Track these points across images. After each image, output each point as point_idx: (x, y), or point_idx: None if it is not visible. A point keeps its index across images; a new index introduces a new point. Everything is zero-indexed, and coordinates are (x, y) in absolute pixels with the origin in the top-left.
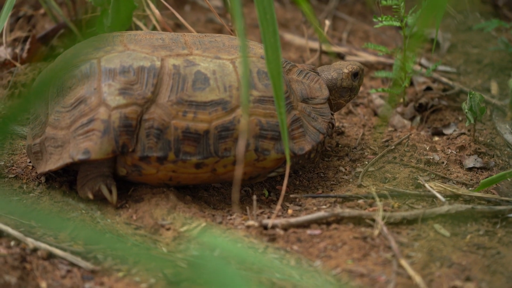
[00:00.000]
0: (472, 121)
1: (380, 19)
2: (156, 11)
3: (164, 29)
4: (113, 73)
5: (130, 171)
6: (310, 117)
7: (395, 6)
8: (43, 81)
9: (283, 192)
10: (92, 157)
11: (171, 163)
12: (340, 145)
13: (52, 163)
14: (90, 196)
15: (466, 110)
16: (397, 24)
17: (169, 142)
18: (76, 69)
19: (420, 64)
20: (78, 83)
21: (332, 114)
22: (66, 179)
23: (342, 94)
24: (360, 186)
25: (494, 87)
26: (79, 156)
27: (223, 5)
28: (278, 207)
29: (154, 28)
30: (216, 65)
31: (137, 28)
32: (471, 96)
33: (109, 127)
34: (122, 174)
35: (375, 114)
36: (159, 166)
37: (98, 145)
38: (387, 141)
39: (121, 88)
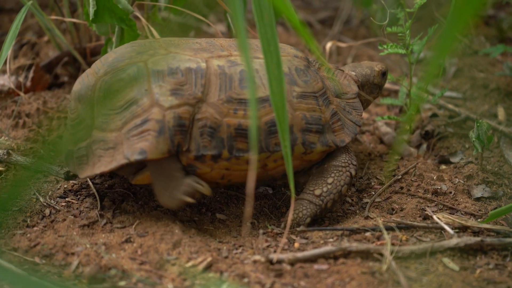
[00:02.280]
0: (480, 150)
1: (385, 46)
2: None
3: None
4: (162, 75)
5: (186, 172)
6: (345, 111)
7: (400, 34)
8: (85, 85)
9: (288, 226)
10: (149, 157)
11: (225, 160)
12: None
13: (104, 165)
14: (189, 199)
15: (474, 139)
16: (403, 51)
17: (222, 140)
18: (123, 72)
19: (426, 90)
20: (127, 86)
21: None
22: (70, 213)
23: (372, 90)
24: (367, 217)
25: (501, 113)
26: (135, 156)
27: (227, 30)
28: (284, 240)
29: None
30: (257, 64)
31: None
32: (478, 124)
33: (164, 127)
34: None
35: (381, 141)
36: (213, 165)
37: (154, 144)
38: (393, 170)
39: (172, 89)
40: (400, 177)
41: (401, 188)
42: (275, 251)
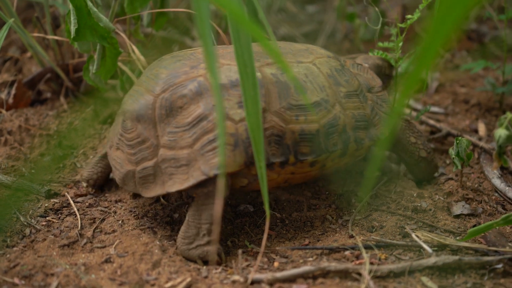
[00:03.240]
0: (459, 167)
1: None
2: (141, 57)
3: None
4: (225, 88)
5: (252, 180)
6: (378, 104)
7: (392, 43)
8: (143, 104)
9: (263, 245)
10: (227, 170)
11: (291, 165)
12: (327, 192)
13: (179, 183)
14: (200, 263)
15: (453, 156)
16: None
17: (288, 146)
18: (183, 88)
19: (408, 106)
20: (191, 102)
21: None
22: (51, 233)
23: (384, 81)
24: (347, 236)
25: (481, 129)
26: (214, 171)
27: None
28: (259, 260)
29: (140, 73)
30: (304, 69)
31: (122, 73)
32: (457, 141)
33: (238, 140)
34: (242, 185)
35: (364, 159)
36: (280, 170)
37: (231, 158)
38: (374, 187)
39: (238, 102)
40: (380, 194)
41: (381, 205)
42: (255, 271)
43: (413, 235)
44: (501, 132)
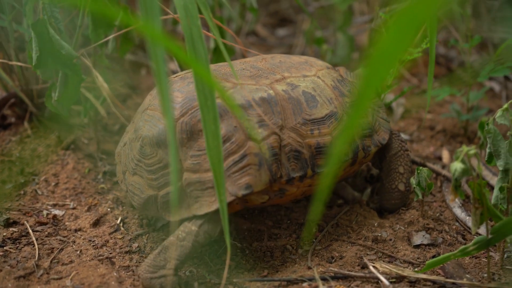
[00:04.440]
0: (420, 197)
1: None
2: (105, 85)
3: (114, 103)
4: (244, 108)
5: (273, 196)
6: (375, 110)
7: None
8: (162, 129)
9: (224, 278)
10: (254, 190)
11: (309, 178)
12: (288, 221)
13: (206, 206)
14: None
15: (414, 186)
16: None
17: (306, 160)
18: None
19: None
20: None
21: None
22: (7, 263)
23: None
24: (306, 267)
25: (445, 156)
26: (242, 192)
27: (179, 69)
28: None
29: (104, 100)
30: (311, 82)
31: (86, 99)
32: (418, 171)
33: (262, 159)
34: (262, 201)
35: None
36: (300, 184)
37: (257, 178)
38: (335, 216)
39: (258, 121)
40: (341, 223)
41: (342, 235)
42: None
43: (371, 267)
44: (457, 166)
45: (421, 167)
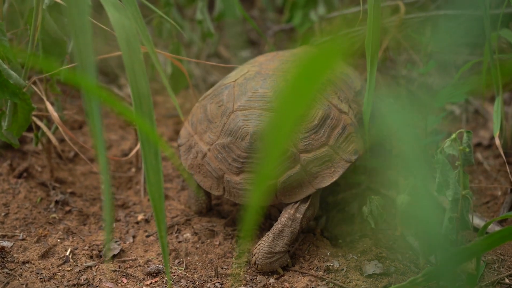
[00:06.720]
0: (373, 225)
1: None
2: (55, 114)
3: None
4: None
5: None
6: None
7: None
8: (263, 123)
9: None
10: (360, 154)
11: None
12: (241, 251)
13: (328, 177)
14: (281, 271)
15: (367, 215)
16: None
17: None
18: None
19: None
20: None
21: None
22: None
23: None
24: None
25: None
26: (353, 157)
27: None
28: None
29: (57, 128)
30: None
31: (38, 128)
32: (370, 200)
33: (356, 128)
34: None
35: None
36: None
37: (360, 143)
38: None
39: (338, 97)
40: (293, 253)
41: (293, 265)
42: None
43: None
44: (403, 199)
45: (372, 196)
